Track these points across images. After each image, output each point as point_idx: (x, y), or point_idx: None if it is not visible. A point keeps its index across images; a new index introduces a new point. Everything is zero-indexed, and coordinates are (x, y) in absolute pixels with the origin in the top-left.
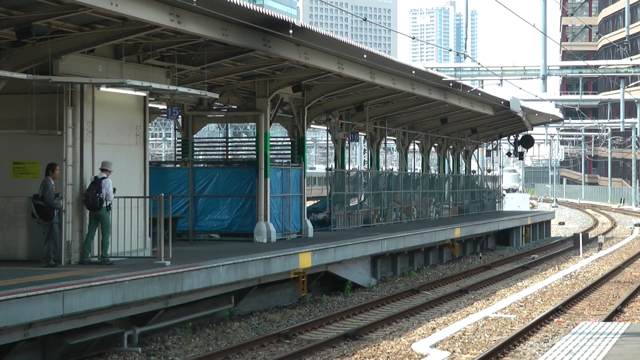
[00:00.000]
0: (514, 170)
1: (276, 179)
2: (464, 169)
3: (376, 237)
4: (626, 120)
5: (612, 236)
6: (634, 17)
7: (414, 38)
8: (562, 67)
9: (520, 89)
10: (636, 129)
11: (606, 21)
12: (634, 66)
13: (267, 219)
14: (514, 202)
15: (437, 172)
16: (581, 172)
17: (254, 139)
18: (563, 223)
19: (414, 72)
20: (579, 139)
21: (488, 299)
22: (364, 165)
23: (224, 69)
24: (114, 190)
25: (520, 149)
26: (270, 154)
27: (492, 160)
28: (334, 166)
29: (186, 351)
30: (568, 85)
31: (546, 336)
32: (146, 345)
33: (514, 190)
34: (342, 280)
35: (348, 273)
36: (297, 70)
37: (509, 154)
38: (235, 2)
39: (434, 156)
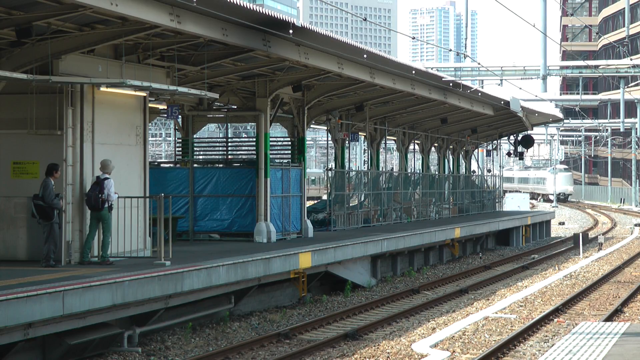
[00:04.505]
0: (566, 169)
1: (276, 179)
2: (464, 169)
3: (376, 237)
4: (626, 120)
5: (612, 236)
6: (634, 17)
7: (414, 38)
8: (562, 67)
9: (520, 89)
10: (636, 129)
11: (606, 21)
12: (634, 66)
13: (267, 219)
14: (514, 202)
15: (437, 172)
16: (581, 172)
17: (254, 139)
18: (563, 223)
19: (414, 72)
20: (579, 139)
21: (488, 299)
22: (364, 165)
23: (224, 69)
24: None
25: (520, 149)
26: (270, 154)
27: (492, 160)
28: (334, 166)
29: (186, 351)
30: (568, 85)
31: (546, 336)
32: (146, 345)
33: (565, 196)
34: (342, 280)
35: (348, 273)
36: (297, 70)
37: (509, 154)
38: (235, 2)
39: (434, 156)
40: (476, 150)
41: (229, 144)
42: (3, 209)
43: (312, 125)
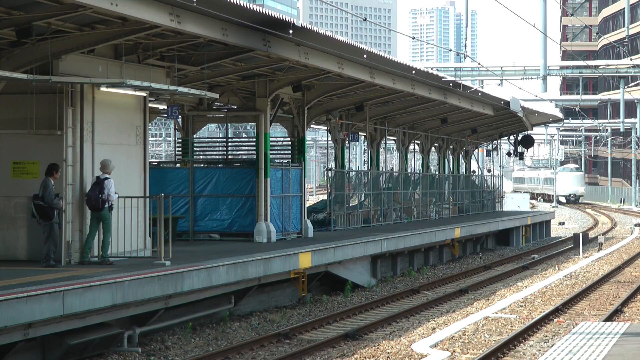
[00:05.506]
0: (577, 169)
1: (276, 179)
2: (464, 169)
3: (376, 237)
4: (626, 120)
5: (612, 236)
6: (634, 17)
7: (414, 38)
8: (562, 67)
9: (520, 89)
10: (636, 129)
11: (606, 21)
12: (634, 66)
13: (267, 219)
14: (514, 202)
15: (437, 172)
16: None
17: (254, 139)
18: (563, 223)
19: (414, 72)
20: (579, 139)
21: (488, 299)
22: (364, 165)
23: (224, 69)
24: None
25: (520, 149)
26: (270, 154)
27: (492, 160)
28: (334, 166)
29: (186, 351)
30: (568, 85)
31: (546, 336)
32: (146, 345)
33: (575, 198)
34: (342, 280)
35: (348, 273)
36: (297, 70)
37: (509, 154)
38: (235, 2)
39: (434, 156)
40: (476, 150)
41: (229, 144)
42: (3, 209)
43: (312, 125)
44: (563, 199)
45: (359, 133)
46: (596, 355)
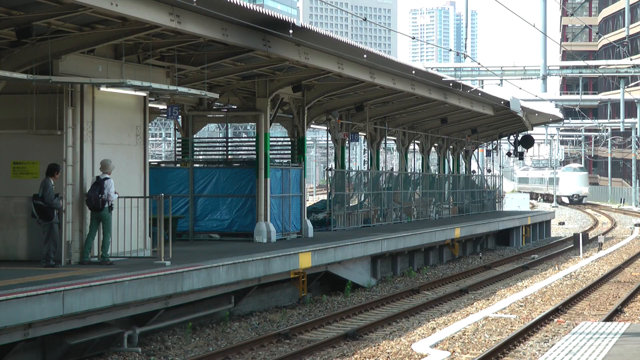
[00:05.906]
0: (581, 168)
1: (276, 179)
2: (464, 169)
3: (376, 237)
4: (626, 120)
5: (612, 236)
6: (634, 17)
7: (414, 38)
8: (562, 67)
9: (520, 89)
10: (636, 129)
11: (606, 21)
12: (634, 66)
13: (267, 219)
14: (514, 202)
15: (437, 172)
16: None
17: (254, 139)
18: (563, 223)
19: (414, 72)
20: (579, 139)
21: (488, 299)
22: (364, 165)
23: (224, 69)
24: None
25: (520, 149)
26: (270, 154)
27: (492, 160)
28: (334, 166)
29: (186, 351)
30: (568, 85)
31: (546, 336)
32: (146, 345)
33: (579, 198)
34: (342, 280)
35: (348, 273)
36: (297, 70)
37: (509, 154)
38: (235, 2)
39: (434, 156)
40: (476, 150)
41: (229, 144)
42: (3, 209)
43: (312, 125)
44: (566, 200)
45: (359, 133)
46: (596, 355)
